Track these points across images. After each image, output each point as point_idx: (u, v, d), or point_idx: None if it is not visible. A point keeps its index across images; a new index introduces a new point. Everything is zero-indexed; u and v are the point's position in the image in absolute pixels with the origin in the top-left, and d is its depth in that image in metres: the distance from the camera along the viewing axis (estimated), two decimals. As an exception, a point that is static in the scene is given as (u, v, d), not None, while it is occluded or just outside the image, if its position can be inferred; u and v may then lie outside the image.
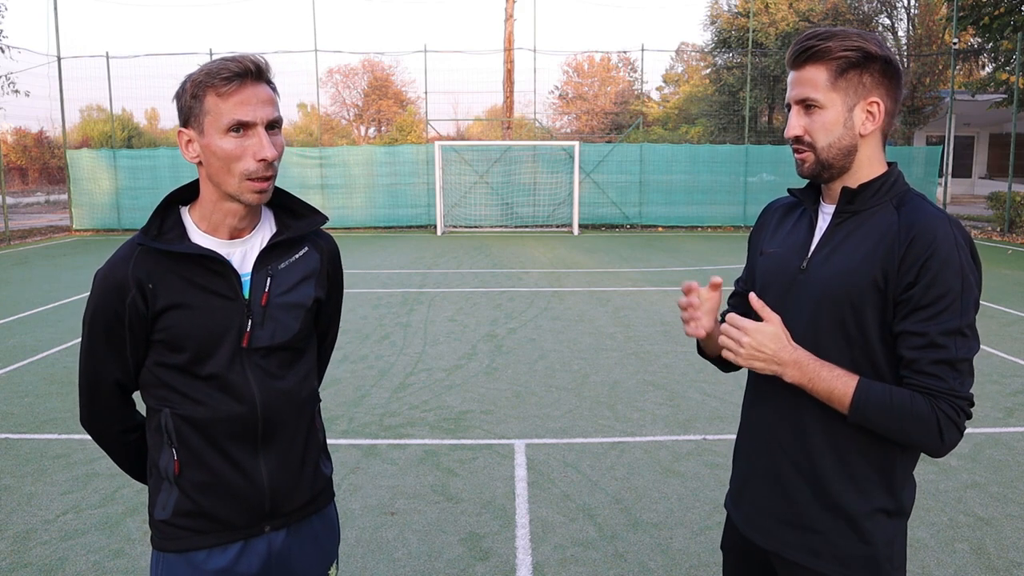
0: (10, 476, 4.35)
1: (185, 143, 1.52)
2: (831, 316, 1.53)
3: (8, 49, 17.50)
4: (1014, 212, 17.24)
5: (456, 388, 5.91)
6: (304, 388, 1.67)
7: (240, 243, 1.59)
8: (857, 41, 1.50)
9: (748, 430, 1.74)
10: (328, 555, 1.77)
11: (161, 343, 1.53)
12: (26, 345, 7.29)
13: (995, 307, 8.88)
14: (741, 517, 1.74)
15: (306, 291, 1.64)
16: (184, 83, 1.51)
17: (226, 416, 1.55)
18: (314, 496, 1.71)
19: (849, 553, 1.56)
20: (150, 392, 1.59)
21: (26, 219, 22.28)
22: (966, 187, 29.69)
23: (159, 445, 1.58)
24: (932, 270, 1.43)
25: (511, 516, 3.83)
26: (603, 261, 13.09)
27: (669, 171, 18.86)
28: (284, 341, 1.60)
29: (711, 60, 35.30)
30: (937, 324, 1.43)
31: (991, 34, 18.66)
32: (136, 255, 1.52)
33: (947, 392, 1.43)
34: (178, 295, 1.52)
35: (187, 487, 1.56)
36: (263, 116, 1.48)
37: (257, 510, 1.60)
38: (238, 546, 1.60)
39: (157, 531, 1.60)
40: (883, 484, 1.55)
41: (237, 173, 1.48)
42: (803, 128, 1.54)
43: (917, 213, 1.49)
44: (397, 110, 41.99)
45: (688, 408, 5.42)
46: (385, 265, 12.68)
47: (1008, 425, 5.09)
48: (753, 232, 1.82)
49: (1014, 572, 3.32)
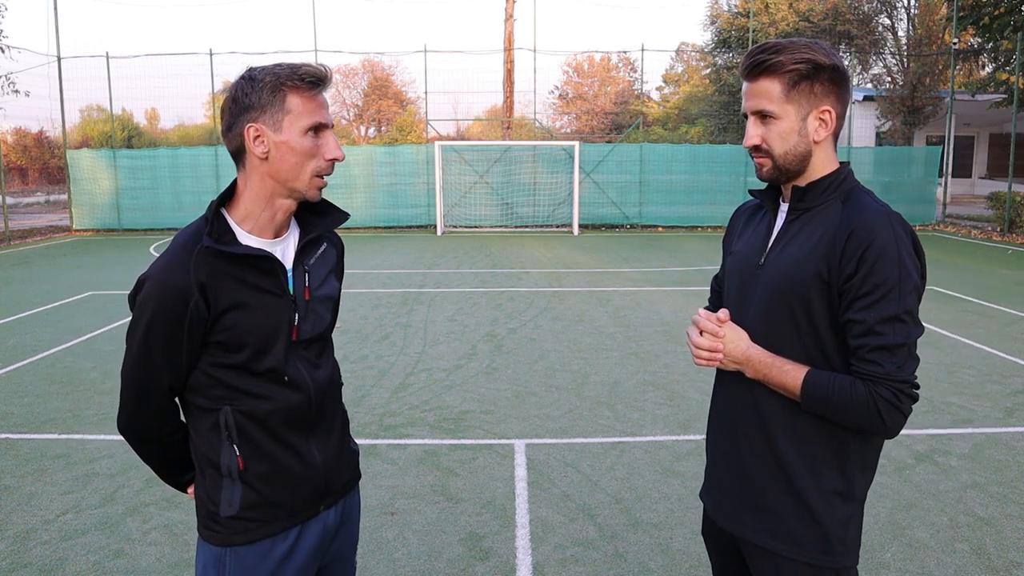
0: (10, 476, 4.35)
1: (254, 137, 1.54)
2: (782, 308, 1.63)
3: (8, 49, 17.52)
4: (1014, 212, 17.23)
5: (456, 388, 5.91)
6: (335, 374, 1.79)
7: (280, 242, 1.65)
8: (806, 53, 1.58)
9: (715, 419, 1.86)
10: (357, 533, 1.90)
11: (218, 344, 1.56)
12: (26, 345, 7.29)
13: (995, 307, 8.88)
14: (711, 504, 1.84)
15: (333, 284, 1.77)
16: (257, 77, 1.53)
17: (286, 406, 1.63)
18: (352, 472, 1.84)
19: (802, 533, 1.64)
20: (204, 393, 1.61)
21: (26, 219, 22.28)
22: (966, 187, 29.69)
23: (216, 444, 1.61)
24: (869, 261, 1.51)
25: (511, 516, 3.84)
26: (603, 261, 13.09)
27: (669, 171, 18.86)
28: (321, 332, 1.71)
29: (711, 60, 35.29)
30: (875, 312, 1.51)
31: (991, 34, 18.67)
32: (195, 258, 1.53)
33: (884, 377, 1.51)
34: (236, 296, 1.56)
35: (252, 480, 1.62)
36: (331, 120, 1.62)
37: (316, 491, 1.70)
38: (296, 530, 1.69)
39: (224, 527, 1.64)
40: (836, 467, 1.63)
41: (309, 170, 1.58)
42: (760, 137, 1.64)
43: (858, 208, 1.59)
44: (397, 110, 41.99)
45: (688, 408, 5.42)
46: (385, 265, 12.68)
47: (1008, 425, 5.09)
48: (725, 234, 1.95)
49: (1014, 572, 3.32)
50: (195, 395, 1.62)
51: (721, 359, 1.68)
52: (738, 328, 1.68)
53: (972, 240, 16.34)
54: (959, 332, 7.44)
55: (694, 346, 1.70)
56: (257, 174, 1.58)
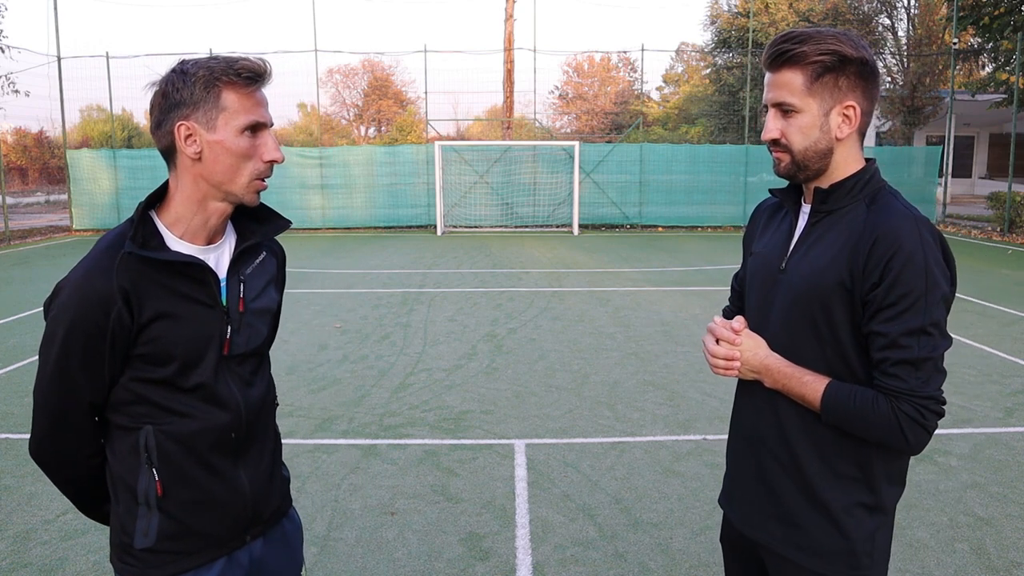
0: (10, 476, 4.35)
1: (185, 136, 1.43)
2: (803, 316, 1.56)
3: (8, 49, 17.50)
4: (1014, 212, 17.23)
5: (456, 388, 5.91)
6: (270, 393, 1.69)
7: (214, 249, 1.54)
8: (832, 44, 1.49)
9: (736, 430, 1.79)
10: (298, 557, 1.79)
11: (142, 357, 1.45)
12: (26, 345, 7.28)
13: (995, 307, 8.88)
14: (735, 513, 1.79)
15: (271, 295, 1.66)
16: (189, 71, 1.43)
17: (213, 426, 1.52)
18: (282, 498, 1.73)
19: (828, 547, 1.59)
20: (124, 411, 1.49)
21: (26, 219, 22.27)
22: (966, 187, 29.69)
23: (134, 468, 1.49)
24: (895, 270, 1.44)
25: (511, 516, 3.83)
26: (603, 261, 13.09)
27: (669, 171, 18.85)
28: (256, 347, 1.61)
29: (711, 60, 35.29)
30: (900, 324, 1.44)
31: (991, 34, 18.66)
32: (118, 264, 1.41)
33: (907, 393, 1.44)
34: (163, 305, 1.44)
35: (172, 508, 1.51)
36: (270, 119, 1.51)
37: (242, 520, 1.59)
38: (222, 561, 1.58)
39: (139, 560, 1.51)
40: (862, 479, 1.58)
41: (246, 173, 1.48)
42: (780, 131, 1.56)
43: (884, 212, 1.51)
44: (397, 110, 41.99)
45: (688, 408, 5.42)
46: (385, 265, 12.68)
47: (1008, 425, 5.09)
48: (746, 232, 1.88)
49: (1014, 572, 3.32)
50: (115, 413, 1.50)
51: (738, 368, 1.63)
52: (756, 336, 1.62)
53: (972, 240, 16.34)
54: (959, 332, 7.45)
55: (710, 355, 1.65)
56: (189, 175, 1.47)
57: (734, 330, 1.62)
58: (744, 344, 1.61)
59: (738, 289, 1.92)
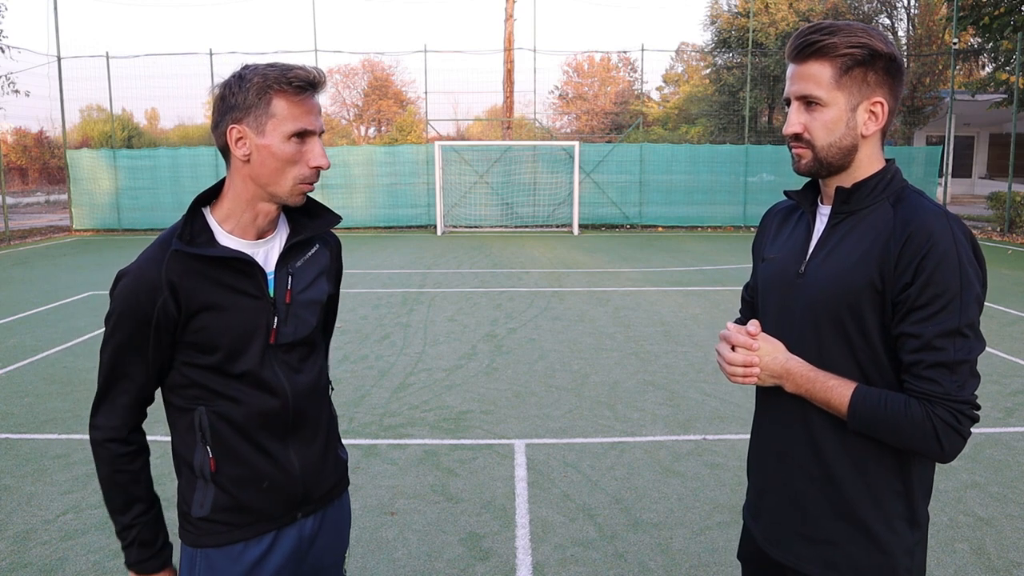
0: (10, 476, 4.35)
1: (236, 139, 1.51)
2: (831, 320, 1.49)
3: (8, 49, 17.51)
4: (1014, 212, 17.24)
5: (456, 388, 5.91)
6: (321, 379, 1.75)
7: (264, 243, 1.63)
8: (863, 37, 1.44)
9: (759, 442, 1.70)
10: (344, 542, 1.87)
11: (191, 345, 1.55)
12: (26, 345, 7.29)
13: (995, 307, 8.88)
14: (759, 530, 1.70)
15: (321, 287, 1.72)
16: (246, 76, 1.50)
17: (260, 410, 1.60)
18: (337, 480, 1.81)
19: (867, 564, 1.51)
20: (180, 393, 1.60)
21: (26, 219, 22.28)
22: (966, 187, 29.69)
23: (191, 444, 1.60)
24: (928, 269, 1.38)
25: (511, 516, 3.84)
26: (603, 261, 13.09)
27: (669, 171, 18.86)
28: (304, 336, 1.67)
29: (711, 60, 35.30)
30: (934, 325, 1.38)
31: (991, 34, 18.64)
32: (168, 258, 1.52)
33: (943, 397, 1.38)
34: (209, 297, 1.54)
35: (224, 483, 1.60)
36: (320, 126, 1.56)
37: (292, 498, 1.67)
38: (271, 535, 1.66)
39: (195, 528, 1.63)
40: (901, 492, 1.51)
41: (291, 177, 1.54)
42: (803, 125, 1.49)
43: (913, 210, 1.44)
44: (397, 110, 42.01)
45: (688, 408, 5.42)
46: (385, 265, 12.68)
47: (1008, 425, 5.09)
48: (755, 238, 1.80)
49: (1014, 572, 3.32)
50: (172, 394, 1.61)
51: (758, 374, 1.54)
52: (773, 339, 1.54)
53: (972, 240, 16.34)
54: (959, 332, 7.44)
55: (727, 363, 1.55)
56: (239, 175, 1.56)
57: (750, 334, 1.54)
58: (762, 349, 1.53)
59: (749, 300, 1.84)
